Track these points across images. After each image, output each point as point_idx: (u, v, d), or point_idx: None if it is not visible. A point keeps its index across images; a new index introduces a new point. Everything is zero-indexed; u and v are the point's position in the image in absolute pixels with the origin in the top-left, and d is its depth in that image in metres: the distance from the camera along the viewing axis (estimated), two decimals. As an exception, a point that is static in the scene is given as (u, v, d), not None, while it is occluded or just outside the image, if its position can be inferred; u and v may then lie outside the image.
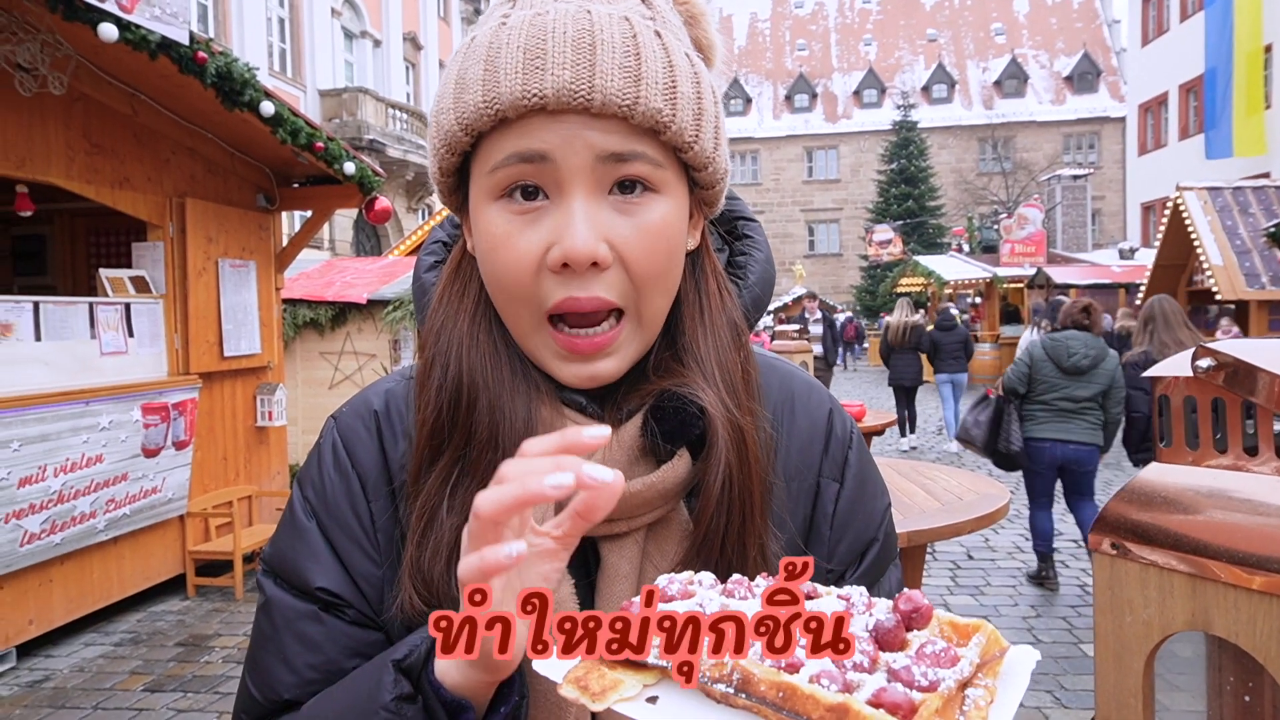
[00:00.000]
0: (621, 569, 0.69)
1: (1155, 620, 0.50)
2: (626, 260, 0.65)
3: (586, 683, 0.46)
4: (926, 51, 47.36)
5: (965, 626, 0.47)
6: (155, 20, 4.11)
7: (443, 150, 0.69)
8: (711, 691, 0.44)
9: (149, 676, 4.33)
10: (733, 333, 0.74)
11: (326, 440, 0.78)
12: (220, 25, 17.63)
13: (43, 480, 4.37)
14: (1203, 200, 12.89)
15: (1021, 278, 20.18)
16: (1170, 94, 25.49)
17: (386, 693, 0.59)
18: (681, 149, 0.67)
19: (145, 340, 5.24)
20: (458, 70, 0.67)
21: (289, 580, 0.73)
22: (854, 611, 0.48)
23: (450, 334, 0.72)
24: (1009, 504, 2.95)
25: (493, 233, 0.66)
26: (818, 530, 0.76)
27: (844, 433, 0.80)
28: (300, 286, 8.69)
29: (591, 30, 0.63)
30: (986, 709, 0.42)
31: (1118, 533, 0.52)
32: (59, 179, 4.70)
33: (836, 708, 0.40)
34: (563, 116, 0.63)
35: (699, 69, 0.69)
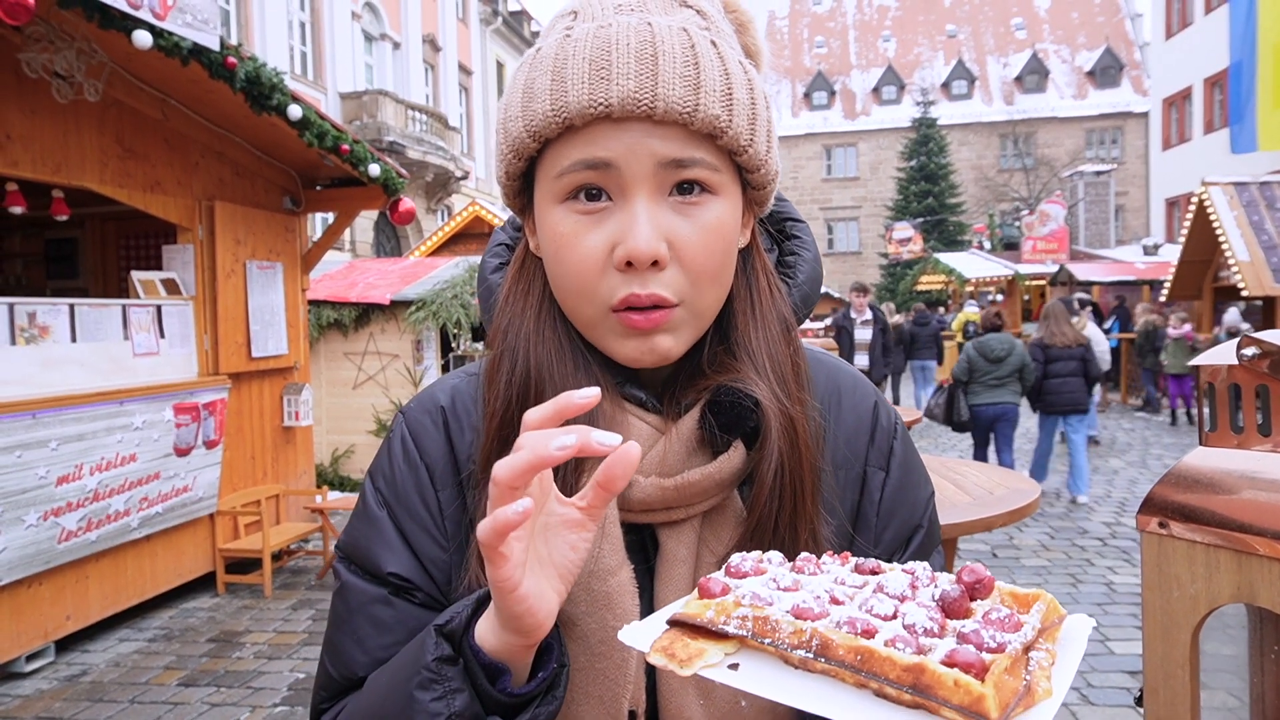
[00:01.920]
0: (679, 554, 0.73)
1: (1202, 594, 0.52)
2: (684, 258, 0.69)
3: (673, 651, 0.49)
4: (946, 47, 47.06)
5: (1025, 596, 0.50)
6: (187, 27, 4.18)
7: (510, 156, 0.73)
8: (790, 658, 0.47)
9: (182, 671, 4.41)
10: (783, 327, 0.78)
11: (396, 434, 0.82)
12: (243, 29, 17.83)
13: (79, 479, 4.47)
14: (1228, 195, 12.76)
15: (1044, 275, 20.03)
16: (1195, 88, 25.20)
17: (429, 654, 0.62)
18: (737, 152, 0.70)
19: (176, 341, 5.33)
20: (525, 80, 0.71)
21: (362, 566, 0.78)
22: (919, 584, 0.51)
23: (518, 331, 0.76)
24: (1039, 499, 2.95)
25: (560, 232, 0.70)
26: (865, 517, 0.80)
27: (889, 423, 0.83)
28: (324, 288, 8.79)
29: (653, 41, 0.67)
30: (1049, 669, 0.45)
31: (1164, 512, 0.55)
32: (93, 183, 4.79)
33: (913, 668, 0.42)
34: (626, 124, 0.66)
35: (752, 75, 0.73)
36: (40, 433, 4.22)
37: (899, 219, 35.68)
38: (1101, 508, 7.53)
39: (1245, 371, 0.52)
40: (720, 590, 0.52)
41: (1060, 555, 6.09)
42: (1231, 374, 0.54)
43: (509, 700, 0.63)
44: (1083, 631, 0.49)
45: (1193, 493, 0.54)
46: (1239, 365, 0.53)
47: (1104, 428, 12.27)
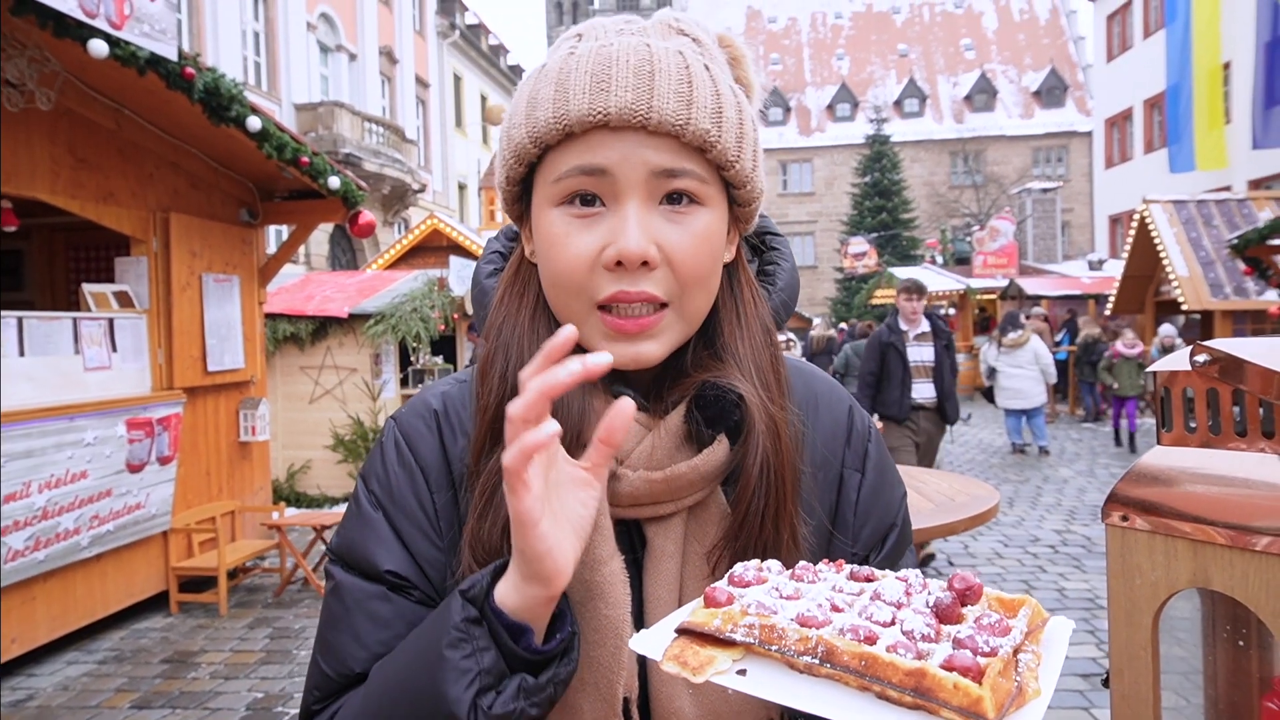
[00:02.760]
0: (666, 549, 0.76)
1: (1162, 581, 0.57)
2: (674, 261, 0.73)
3: (685, 659, 0.52)
4: (898, 66, 48.06)
5: (1012, 601, 0.53)
6: (144, 37, 4.13)
7: (512, 161, 0.77)
8: (795, 663, 0.50)
9: (135, 694, 4.30)
10: (764, 334, 0.82)
11: (388, 438, 0.84)
12: (195, 39, 17.54)
13: (27, 496, 4.34)
14: (1168, 213, 13.21)
15: (994, 289, 20.51)
16: (1135, 109, 26.07)
17: (456, 615, 0.65)
18: (724, 167, 0.75)
19: (129, 355, 5.22)
20: (529, 92, 0.76)
21: (358, 566, 0.79)
22: (913, 591, 0.55)
23: (512, 328, 0.80)
24: (998, 505, 3.03)
25: (554, 232, 0.74)
26: (843, 517, 0.84)
27: (863, 427, 0.88)
28: (280, 301, 8.67)
29: (651, 60, 0.72)
30: (1037, 669, 0.49)
31: (1127, 507, 0.60)
32: (44, 194, 4.68)
33: (914, 672, 0.46)
34: (622, 133, 0.71)
35: (741, 99, 0.77)
36: (-14, 450, 4.10)
37: (854, 234, 36.23)
38: (1052, 516, 7.73)
39: (1197, 377, 0.57)
40: (726, 599, 0.54)
41: (1013, 563, 6.23)
42: (1185, 379, 0.59)
43: (532, 658, 0.65)
44: (1064, 633, 0.53)
45: (1152, 488, 0.58)
46: (1192, 371, 0.58)
47: (1053, 438, 12.57)
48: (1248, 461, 0.55)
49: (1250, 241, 9.25)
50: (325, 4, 22.19)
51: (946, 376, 6.19)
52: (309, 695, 0.79)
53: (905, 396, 6.05)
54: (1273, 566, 0.53)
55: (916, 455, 6.28)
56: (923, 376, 6.17)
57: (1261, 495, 0.54)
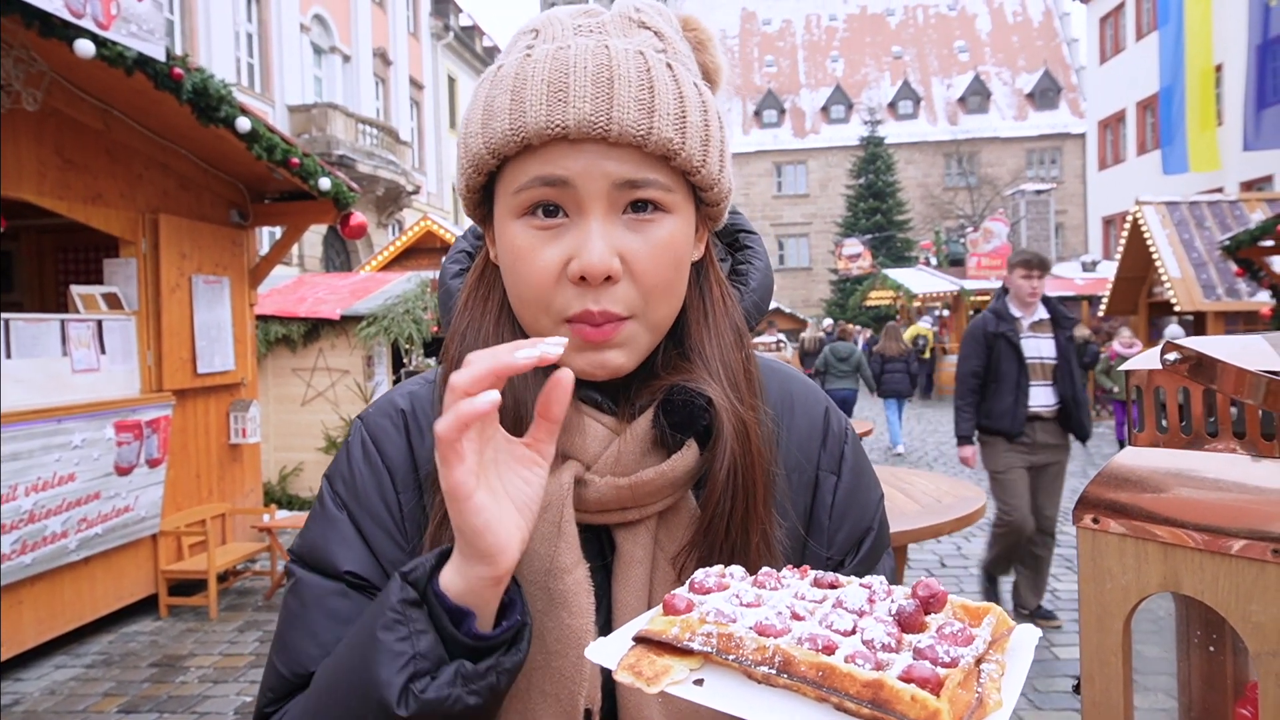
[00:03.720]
0: (635, 554, 0.74)
1: (1132, 585, 0.56)
2: (636, 273, 0.71)
3: (640, 669, 0.50)
4: (892, 68, 48.16)
5: (977, 609, 0.52)
6: (132, 37, 4.10)
7: (470, 170, 0.75)
8: (753, 674, 0.48)
9: (123, 698, 4.27)
10: (735, 334, 0.80)
11: (355, 438, 0.83)
12: (188, 40, 17.49)
13: (14, 500, 4.31)
14: (1161, 214, 13.24)
15: (988, 290, 20.53)
16: (1128, 110, 26.16)
17: (394, 596, 0.63)
18: (690, 173, 0.73)
19: (118, 357, 5.19)
20: (485, 98, 0.73)
21: (318, 567, 0.78)
22: (876, 598, 0.53)
23: (476, 334, 0.78)
24: (985, 506, 3.03)
25: (517, 245, 0.72)
26: (817, 520, 0.82)
27: (840, 429, 0.86)
28: (272, 302, 8.63)
29: (609, 65, 0.69)
30: (999, 680, 0.47)
31: (1097, 509, 0.59)
32: (30, 195, 4.65)
33: (872, 683, 0.44)
34: (583, 145, 0.69)
35: (706, 97, 0.75)
36: (-28, 453, 4.07)
37: (848, 235, 36.31)
38: (1045, 518, 7.72)
39: (1168, 375, 0.56)
40: (685, 606, 0.53)
41: (1006, 565, 6.22)
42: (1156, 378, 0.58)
43: (473, 643, 0.63)
44: (1029, 642, 0.52)
45: (1122, 490, 0.57)
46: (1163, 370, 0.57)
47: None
48: (1219, 463, 0.54)
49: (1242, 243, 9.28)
50: (319, 5, 22.15)
51: (1075, 377, 4.70)
52: (263, 696, 0.77)
53: (1020, 404, 4.59)
54: (1242, 570, 0.52)
55: (1031, 482, 4.76)
56: (1041, 377, 4.68)
57: (1231, 498, 0.53)
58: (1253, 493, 0.52)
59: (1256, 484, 0.52)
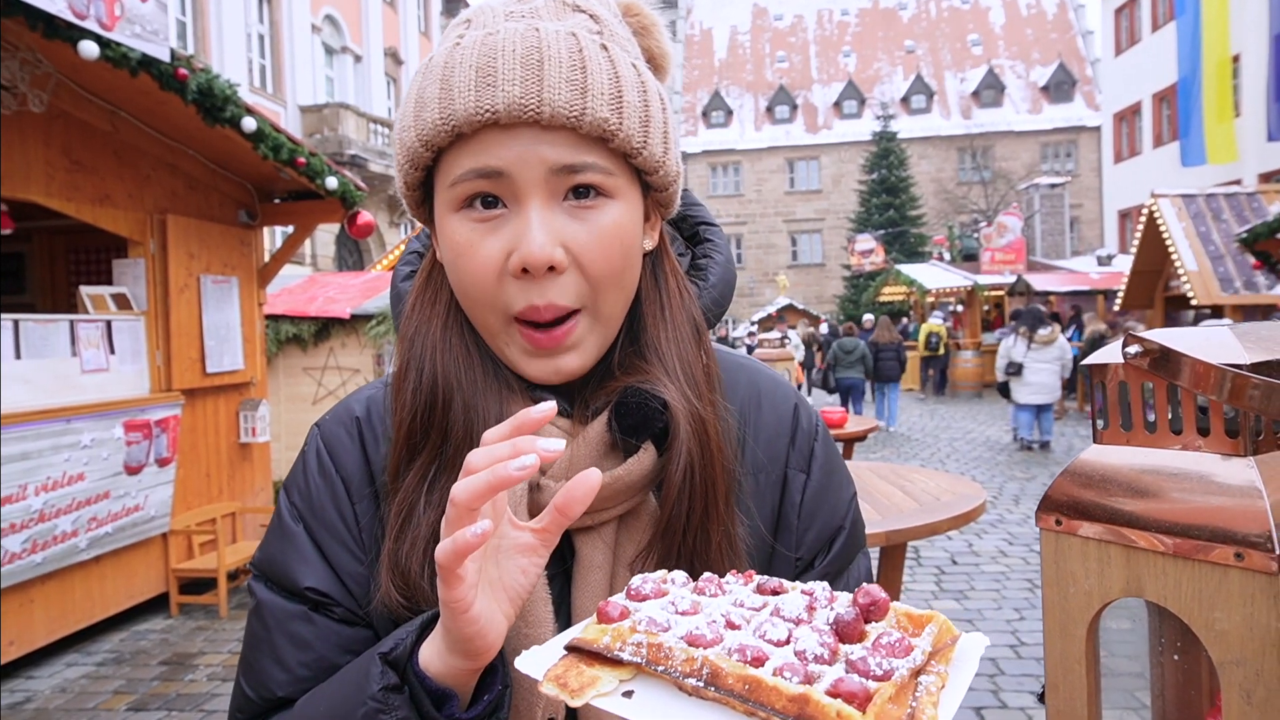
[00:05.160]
0: (595, 560, 0.72)
1: (1095, 590, 0.54)
2: (582, 262, 0.69)
3: (565, 680, 0.48)
4: (905, 63, 47.85)
5: (920, 617, 0.50)
6: (136, 38, 4.11)
7: (406, 166, 0.72)
8: (683, 685, 0.46)
9: (133, 696, 4.30)
10: (693, 330, 0.77)
11: (311, 447, 0.81)
12: (200, 42, 17.59)
13: (24, 499, 4.34)
14: (1177, 207, 13.09)
15: (1002, 285, 20.38)
16: (1144, 103, 25.88)
17: (374, 683, 0.62)
18: (630, 155, 0.70)
19: (127, 357, 5.21)
20: (417, 89, 0.71)
21: (279, 583, 0.76)
22: (817, 606, 0.51)
23: (424, 339, 0.75)
24: (985, 504, 2.99)
25: (456, 241, 0.70)
26: (786, 520, 0.79)
27: (809, 426, 0.83)
28: (283, 302, 8.66)
29: (539, 47, 0.67)
30: (938, 694, 0.45)
31: (1060, 510, 0.56)
32: (39, 197, 4.68)
33: (798, 698, 0.42)
34: (515, 130, 0.66)
35: (646, 78, 0.72)
36: (-18, 453, 4.10)
37: (861, 231, 36.13)
38: (1058, 515, 7.65)
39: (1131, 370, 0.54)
40: (619, 614, 0.51)
41: (1018, 561, 6.17)
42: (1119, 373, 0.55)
43: None
44: (975, 651, 0.49)
45: (1085, 490, 0.55)
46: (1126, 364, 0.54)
47: (1062, 434, 12.49)
48: (1182, 461, 0.52)
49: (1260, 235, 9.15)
50: (330, 6, 22.23)
51: None
52: (233, 717, 0.76)
53: None
54: (1205, 575, 0.49)
55: None
56: None
57: (1194, 498, 0.50)
58: (1216, 493, 0.50)
59: (1220, 484, 0.50)
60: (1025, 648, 4.48)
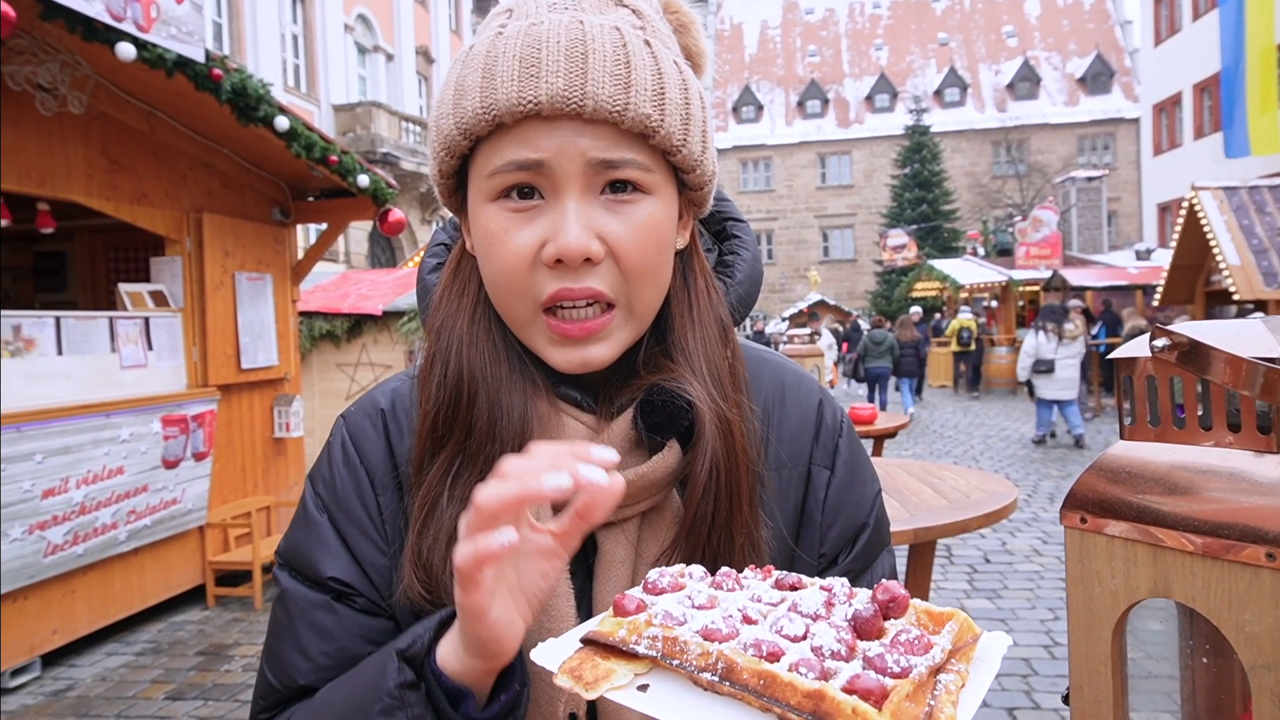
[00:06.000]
0: (618, 555, 0.72)
1: (1121, 590, 0.52)
2: (618, 255, 0.68)
3: (580, 672, 0.48)
4: (938, 55, 47.26)
5: (940, 615, 0.49)
6: (171, 39, 4.18)
7: (442, 154, 0.73)
8: (699, 680, 0.46)
9: (170, 685, 4.38)
10: (720, 329, 0.77)
11: (336, 438, 0.82)
12: (235, 43, 17.84)
13: (65, 492, 4.44)
14: (1218, 200, 12.81)
15: (1037, 280, 20.06)
16: (1184, 94, 25.32)
17: (391, 680, 0.62)
18: (670, 152, 0.70)
19: (164, 353, 5.31)
20: (457, 77, 0.71)
21: (302, 572, 0.77)
22: (835, 601, 0.51)
23: (450, 332, 0.75)
24: (1016, 501, 2.94)
25: (491, 229, 0.69)
26: (809, 517, 0.79)
27: (834, 421, 0.83)
28: (316, 299, 8.77)
29: (584, 40, 0.66)
30: (957, 693, 0.44)
31: (1086, 507, 0.55)
32: (79, 196, 4.78)
33: (813, 694, 0.42)
34: (556, 122, 0.66)
35: (687, 75, 0.72)
36: (25, 446, 4.20)
37: (893, 226, 35.78)
38: (1094, 513, 7.54)
39: (1159, 364, 0.52)
40: (635, 607, 0.51)
41: (1052, 560, 6.08)
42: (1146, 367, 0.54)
43: None
44: (997, 650, 0.48)
45: (1111, 487, 0.54)
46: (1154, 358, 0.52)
47: (1098, 432, 12.29)
48: (1212, 458, 0.50)
49: (1304, 228, 8.90)
50: (362, 5, 22.43)
51: None
52: (255, 704, 0.77)
53: None
54: (1235, 575, 0.48)
55: None
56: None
57: (1224, 496, 0.49)
58: (1246, 491, 0.48)
59: (1252, 481, 0.48)
60: (1059, 648, 4.41)
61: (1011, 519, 7.18)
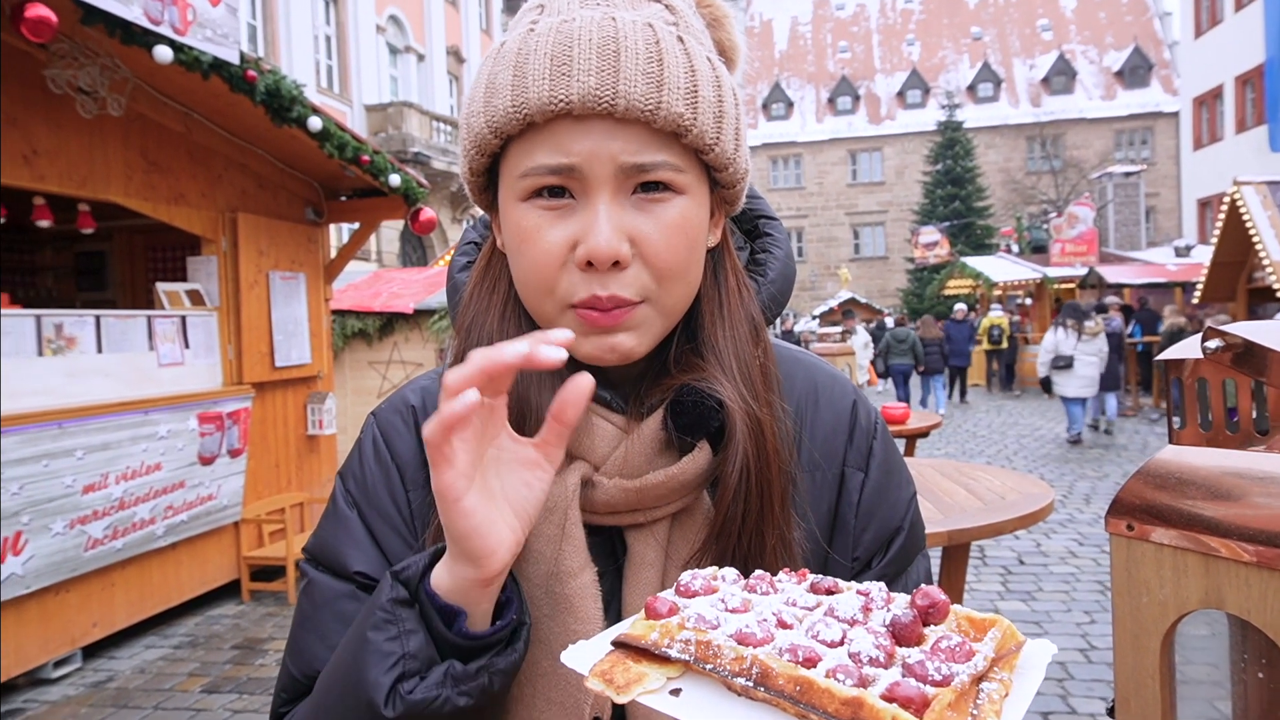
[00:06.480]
0: (647, 557, 0.72)
1: (1171, 600, 0.50)
2: (647, 256, 0.68)
3: (611, 676, 0.48)
4: (971, 50, 46.66)
5: (982, 621, 0.47)
6: (207, 41, 4.24)
7: (473, 152, 0.72)
8: (732, 685, 0.45)
9: (206, 678, 4.45)
10: (751, 328, 0.76)
11: (367, 435, 0.82)
12: (270, 45, 18.08)
13: (105, 487, 4.53)
14: (1261, 195, 12.50)
15: (1073, 278, 19.74)
16: (1226, 86, 24.76)
17: (384, 595, 0.63)
18: (703, 151, 0.69)
19: (200, 351, 5.39)
20: (488, 75, 0.70)
21: (329, 566, 0.77)
22: (872, 606, 0.49)
23: (480, 329, 0.75)
24: (1053, 503, 2.89)
25: (523, 227, 0.69)
26: (842, 519, 0.78)
27: (868, 423, 0.81)
28: (349, 297, 8.86)
29: (616, 37, 0.65)
30: (1000, 702, 0.43)
31: (1133, 514, 0.53)
32: (118, 197, 4.87)
33: (851, 701, 0.40)
34: (587, 121, 0.65)
35: (720, 72, 0.71)
36: (66, 442, 4.28)
37: (925, 223, 35.39)
38: (1132, 515, 7.40)
39: (1211, 365, 0.50)
40: (667, 610, 0.50)
41: (1089, 562, 5.98)
42: (1198, 368, 0.52)
43: (465, 643, 0.62)
44: (1042, 659, 0.47)
45: (1160, 493, 0.51)
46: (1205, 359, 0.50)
47: (1135, 432, 12.08)
48: (1269, 464, 0.48)
49: (1352, 224, 8.66)
50: (394, 6, 22.62)
51: None
52: (277, 697, 0.77)
53: None
54: (1294, 585, 0.46)
55: None
56: None
57: (1281, 504, 0.47)
58: (1306, 497, 0.46)
59: (1311, 487, 0.46)
60: (1096, 652, 4.34)
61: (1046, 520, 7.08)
